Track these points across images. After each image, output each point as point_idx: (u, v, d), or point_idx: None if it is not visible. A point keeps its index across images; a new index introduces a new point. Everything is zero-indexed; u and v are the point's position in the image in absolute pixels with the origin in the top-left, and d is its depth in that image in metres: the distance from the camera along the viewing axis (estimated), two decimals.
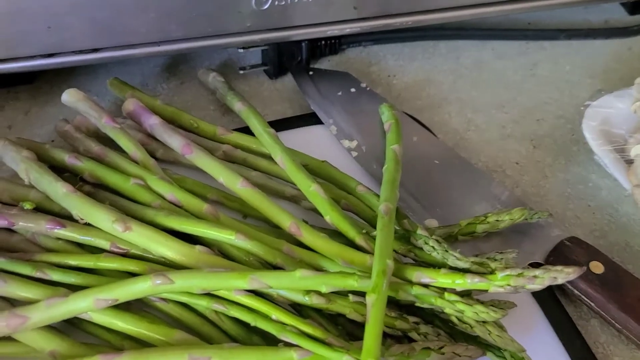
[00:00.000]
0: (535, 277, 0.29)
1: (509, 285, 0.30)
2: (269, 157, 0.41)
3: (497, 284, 0.30)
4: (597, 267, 0.36)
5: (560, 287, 0.37)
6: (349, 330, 0.33)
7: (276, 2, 0.42)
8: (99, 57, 0.43)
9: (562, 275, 0.29)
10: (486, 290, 0.30)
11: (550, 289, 0.37)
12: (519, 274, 0.29)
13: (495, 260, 0.33)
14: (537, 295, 0.36)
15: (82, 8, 0.40)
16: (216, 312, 0.33)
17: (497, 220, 0.35)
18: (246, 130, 0.43)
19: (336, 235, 0.36)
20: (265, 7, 0.42)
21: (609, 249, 0.40)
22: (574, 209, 0.42)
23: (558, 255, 0.37)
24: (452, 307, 0.31)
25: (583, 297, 0.36)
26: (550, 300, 0.36)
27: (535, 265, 0.38)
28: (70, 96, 0.42)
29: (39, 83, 0.50)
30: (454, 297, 0.31)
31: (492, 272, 0.30)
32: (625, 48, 0.52)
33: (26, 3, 0.39)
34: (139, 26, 0.42)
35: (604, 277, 0.36)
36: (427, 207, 0.40)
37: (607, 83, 0.50)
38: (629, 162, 0.40)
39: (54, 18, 0.41)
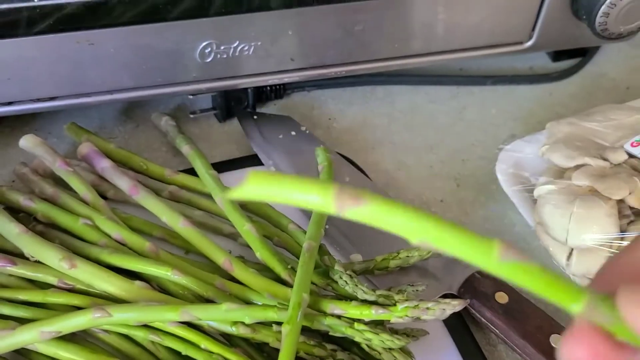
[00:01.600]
0: (428, 309, 0.33)
1: (407, 315, 0.33)
2: (211, 198, 0.45)
3: (397, 314, 0.34)
4: (502, 297, 0.40)
5: (471, 316, 0.41)
6: (274, 358, 0.37)
7: (218, 56, 0.46)
8: (56, 105, 0.47)
9: (450, 307, 0.33)
10: (389, 320, 0.34)
11: (461, 318, 0.41)
12: (415, 306, 0.33)
13: (405, 292, 0.37)
14: (448, 324, 0.40)
15: (41, 62, 0.44)
16: (152, 342, 0.37)
17: (407, 256, 0.39)
18: (193, 172, 0.47)
19: (267, 269, 0.40)
20: (209, 60, 0.47)
21: None
22: None
23: (468, 287, 0.41)
24: (361, 336, 0.34)
25: (489, 324, 0.40)
26: (460, 328, 0.40)
27: (450, 296, 0.42)
28: (27, 141, 0.45)
29: (1, 127, 0.53)
30: (362, 327, 0.34)
31: (394, 304, 0.34)
32: (547, 93, 0.57)
33: None
34: (94, 77, 0.46)
35: (507, 306, 0.40)
36: (354, 243, 0.44)
37: (528, 126, 0.54)
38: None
39: (14, 70, 0.44)
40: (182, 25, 0.44)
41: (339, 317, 0.35)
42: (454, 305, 0.33)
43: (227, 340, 0.37)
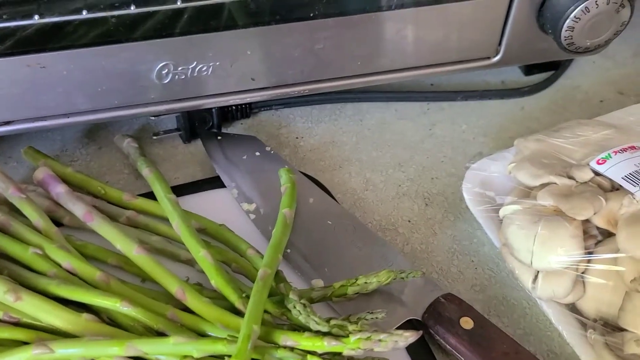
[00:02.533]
0: (380, 341, 0.32)
1: (359, 348, 0.32)
2: (169, 222, 0.44)
3: (350, 347, 0.32)
4: (467, 323, 0.39)
5: (436, 342, 0.40)
6: None
7: (176, 77, 0.45)
8: (11, 130, 0.46)
9: (402, 339, 0.32)
10: (340, 353, 0.33)
11: (425, 344, 0.40)
12: (367, 338, 0.32)
13: (365, 319, 0.35)
14: (411, 351, 0.39)
15: None
16: None
17: (365, 282, 0.38)
18: (154, 196, 0.46)
19: (222, 298, 0.39)
20: (166, 81, 0.45)
21: (487, 303, 0.43)
22: (458, 264, 0.45)
23: (432, 312, 0.40)
24: None
25: (454, 351, 0.39)
26: (424, 355, 0.39)
27: (415, 322, 0.40)
28: None
29: None
30: (315, 359, 0.33)
31: (347, 335, 0.33)
32: (518, 108, 0.56)
33: None
34: (49, 100, 0.45)
35: (472, 332, 0.39)
36: (316, 267, 0.43)
37: (499, 142, 0.53)
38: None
39: None
40: (136, 47, 0.43)
41: (291, 349, 0.34)
42: (407, 337, 0.32)
43: None
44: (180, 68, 0.45)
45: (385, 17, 0.46)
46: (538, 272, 0.39)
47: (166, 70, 0.45)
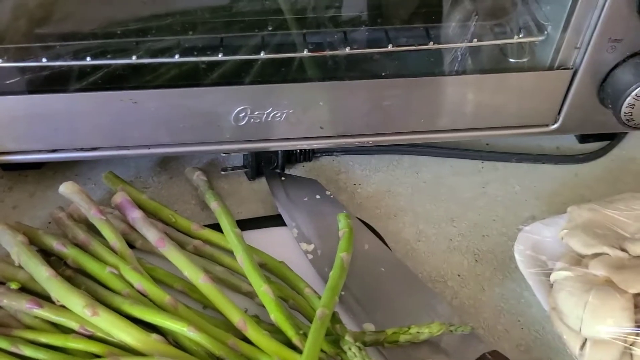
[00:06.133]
0: None
1: None
2: (233, 254, 0.47)
3: None
4: None
5: None
6: None
7: (251, 120, 0.49)
8: (97, 155, 0.50)
9: None
10: None
11: None
12: None
13: None
14: None
15: (87, 116, 0.48)
16: None
17: (418, 332, 0.39)
18: (219, 227, 0.49)
19: (279, 332, 0.41)
20: (242, 123, 0.49)
21: None
22: (505, 322, 0.46)
23: None
24: None
25: None
26: None
27: None
28: (66, 188, 0.48)
29: (45, 169, 0.57)
30: None
31: None
32: (572, 174, 0.58)
33: (40, 109, 0.47)
34: (135, 132, 0.49)
35: None
36: (368, 311, 0.45)
37: (551, 206, 0.54)
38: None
39: (61, 122, 0.48)
40: (220, 91, 0.47)
41: None
42: None
43: None
44: (256, 112, 0.49)
45: (451, 81, 0.49)
46: (586, 339, 0.40)
47: (243, 113, 0.49)
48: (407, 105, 0.50)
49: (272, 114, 0.49)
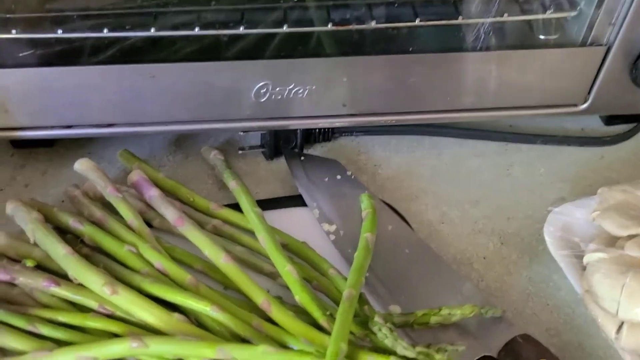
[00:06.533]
0: None
1: None
2: (253, 234, 0.45)
3: None
4: None
5: None
6: None
7: (272, 97, 0.47)
8: (112, 132, 0.49)
9: None
10: None
11: None
12: None
13: (446, 351, 0.36)
14: None
15: (103, 90, 0.46)
16: None
17: (449, 314, 0.38)
18: (237, 207, 0.47)
19: (304, 313, 0.40)
20: (263, 99, 0.48)
21: (562, 348, 0.43)
22: (533, 306, 0.45)
23: (509, 351, 0.40)
24: None
25: None
26: None
27: (488, 358, 0.40)
28: (81, 165, 0.47)
29: (57, 147, 0.55)
30: None
31: None
32: (597, 156, 0.56)
33: (55, 83, 0.45)
34: (152, 108, 0.48)
35: None
36: (393, 293, 0.44)
37: (577, 188, 0.53)
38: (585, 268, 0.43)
39: (76, 96, 0.46)
40: (241, 65, 0.46)
41: None
42: None
43: None
44: (277, 88, 0.47)
45: (477, 57, 0.48)
46: (623, 322, 0.38)
47: (265, 89, 0.47)
48: (432, 83, 0.48)
49: (294, 90, 0.47)
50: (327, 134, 0.56)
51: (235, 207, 0.48)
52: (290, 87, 0.47)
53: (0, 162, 0.54)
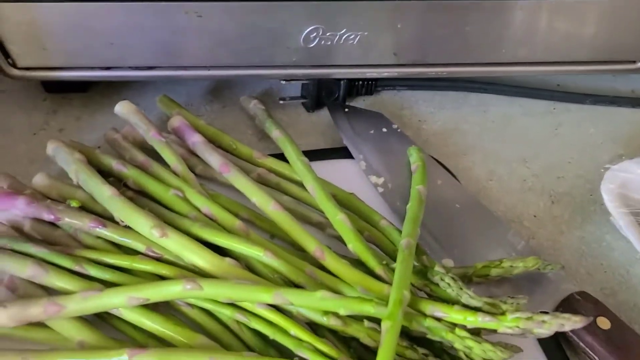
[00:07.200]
0: (543, 322, 0.31)
1: (517, 327, 0.31)
2: (300, 184, 0.44)
3: (507, 324, 0.31)
4: (604, 323, 0.38)
5: (566, 338, 0.39)
6: (360, 355, 0.35)
7: (322, 42, 0.45)
8: (152, 75, 0.47)
9: (570, 323, 0.31)
10: (495, 331, 0.32)
11: (556, 339, 0.39)
12: (529, 318, 0.31)
13: (507, 303, 0.34)
14: (543, 343, 0.38)
15: (146, 29, 0.44)
16: (238, 322, 0.35)
17: (511, 266, 0.37)
18: (280, 157, 0.46)
19: (357, 264, 0.38)
20: (312, 45, 0.46)
21: (617, 308, 0.41)
22: (587, 266, 0.44)
23: (567, 308, 0.39)
24: (461, 343, 0.32)
25: (588, 350, 0.37)
26: (555, 349, 0.38)
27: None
28: (122, 108, 0.45)
29: (92, 93, 0.53)
30: (464, 334, 0.32)
31: (502, 313, 0.32)
32: None
33: (96, 20, 0.43)
34: (195, 50, 0.46)
35: (609, 333, 0.37)
36: (445, 247, 0.42)
37: (628, 149, 0.51)
38: None
39: (118, 36, 0.44)
40: (292, 6, 0.44)
41: (438, 320, 0.33)
42: (575, 322, 0.31)
43: (313, 330, 0.35)
44: (328, 33, 0.45)
45: (540, 5, 0.45)
46: None
47: (315, 34, 0.45)
48: (487, 32, 0.46)
49: (344, 36, 0.45)
50: (370, 87, 0.54)
51: (278, 157, 0.46)
52: (342, 32, 0.45)
53: (33, 106, 0.52)
